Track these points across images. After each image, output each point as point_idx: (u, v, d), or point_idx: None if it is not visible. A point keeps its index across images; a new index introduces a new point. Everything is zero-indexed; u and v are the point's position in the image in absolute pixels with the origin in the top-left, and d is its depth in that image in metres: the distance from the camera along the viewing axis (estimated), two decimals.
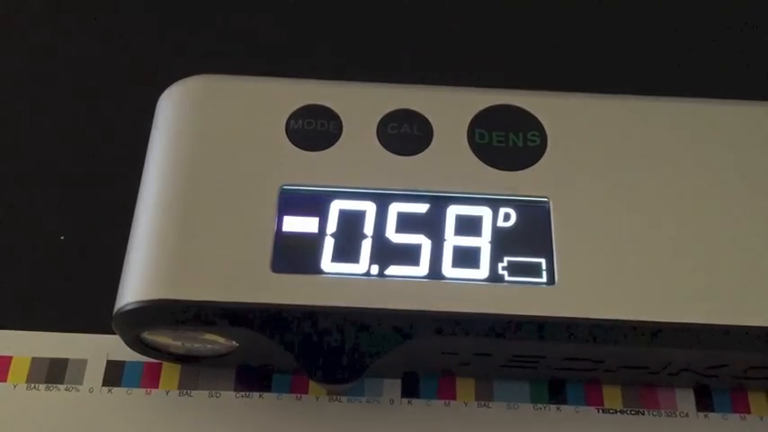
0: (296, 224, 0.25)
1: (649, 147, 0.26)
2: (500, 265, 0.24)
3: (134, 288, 0.24)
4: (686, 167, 0.26)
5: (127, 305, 0.24)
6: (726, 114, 0.27)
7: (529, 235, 0.25)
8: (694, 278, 0.24)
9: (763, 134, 0.27)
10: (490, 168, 0.26)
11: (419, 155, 0.26)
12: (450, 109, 0.27)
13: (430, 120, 0.27)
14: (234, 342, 0.25)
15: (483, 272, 0.24)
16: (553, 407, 0.27)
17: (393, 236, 0.25)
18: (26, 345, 0.27)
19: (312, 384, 0.27)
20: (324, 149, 0.26)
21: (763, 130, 0.27)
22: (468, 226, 0.25)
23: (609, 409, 0.27)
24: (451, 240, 0.25)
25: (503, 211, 0.25)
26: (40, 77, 0.34)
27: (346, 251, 0.24)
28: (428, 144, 0.26)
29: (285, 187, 0.25)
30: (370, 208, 0.25)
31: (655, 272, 0.24)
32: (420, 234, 0.25)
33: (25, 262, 0.29)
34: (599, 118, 0.27)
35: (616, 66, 0.35)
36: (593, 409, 0.27)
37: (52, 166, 0.31)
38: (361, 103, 0.27)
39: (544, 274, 0.24)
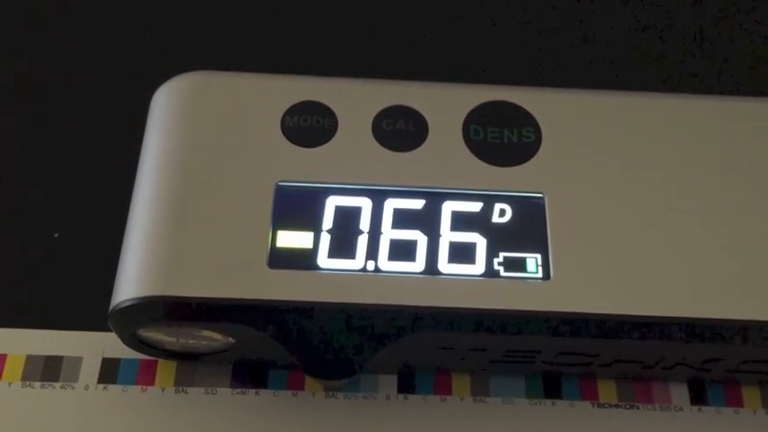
0: (292, 220, 0.25)
1: (644, 142, 0.26)
2: (496, 260, 0.25)
3: (130, 285, 0.24)
4: (680, 163, 0.26)
5: (122, 302, 0.24)
6: (721, 110, 0.27)
7: (524, 230, 0.25)
8: (689, 272, 0.24)
9: (759, 130, 0.27)
10: (485, 164, 0.26)
11: (414, 151, 0.26)
12: (445, 105, 0.27)
13: (425, 116, 0.27)
14: (230, 338, 0.25)
15: (479, 267, 0.24)
16: (548, 401, 0.27)
17: (389, 232, 0.25)
18: (21, 343, 0.27)
19: (308, 380, 0.27)
20: (319, 146, 0.26)
21: (759, 125, 0.27)
22: (464, 222, 0.25)
23: (604, 404, 0.27)
24: (447, 236, 0.25)
25: (498, 206, 0.25)
26: (33, 75, 0.34)
27: (342, 247, 0.24)
28: (423, 140, 0.26)
29: (281, 183, 0.25)
30: (365, 204, 0.25)
31: (649, 267, 0.24)
32: (416, 230, 0.25)
33: (20, 260, 0.29)
34: (593, 114, 0.27)
35: (610, 62, 0.35)
36: (587, 403, 0.27)
37: (46, 163, 0.31)
38: (357, 100, 0.27)
39: (539, 269, 0.24)
